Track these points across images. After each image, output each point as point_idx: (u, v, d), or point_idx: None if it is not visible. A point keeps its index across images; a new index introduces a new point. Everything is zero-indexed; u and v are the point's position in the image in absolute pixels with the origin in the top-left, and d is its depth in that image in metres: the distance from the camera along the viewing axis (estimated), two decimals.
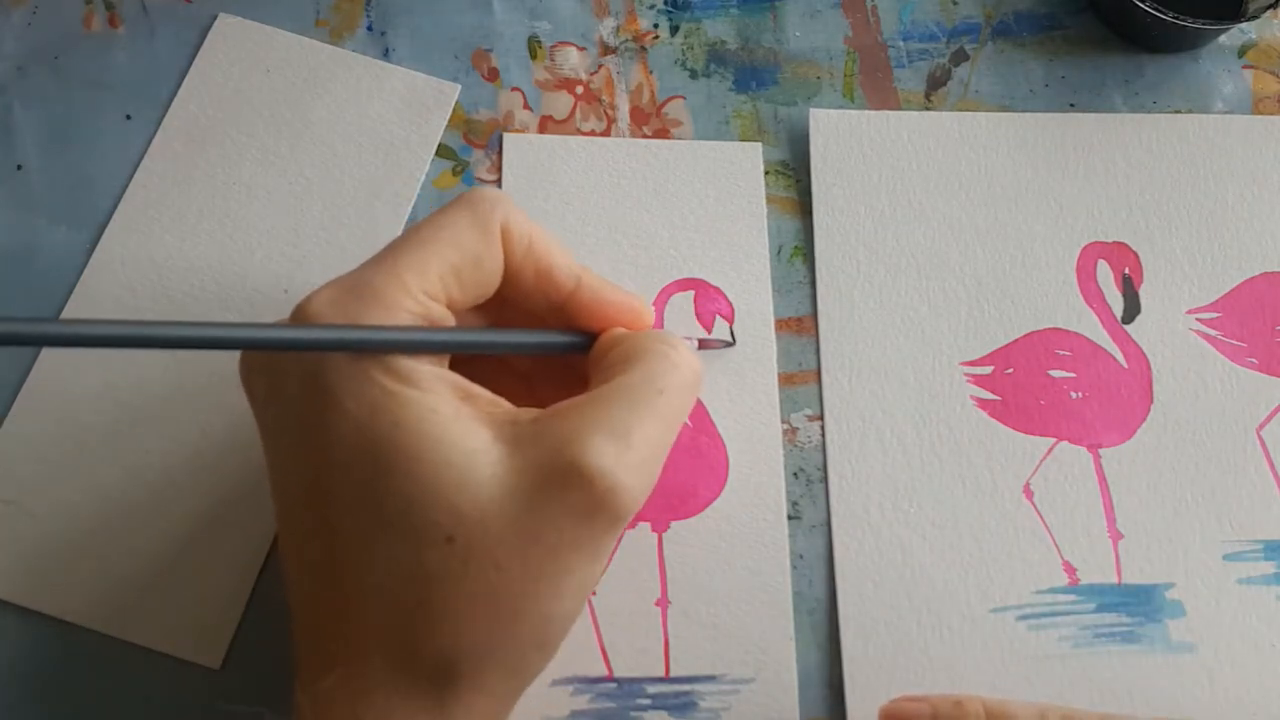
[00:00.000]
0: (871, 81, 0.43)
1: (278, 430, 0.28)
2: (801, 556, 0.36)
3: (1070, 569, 0.36)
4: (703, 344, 0.38)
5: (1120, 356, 0.39)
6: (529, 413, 0.28)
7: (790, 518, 0.36)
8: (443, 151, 0.41)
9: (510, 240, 0.29)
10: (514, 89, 0.42)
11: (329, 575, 0.27)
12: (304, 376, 0.27)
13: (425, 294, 0.28)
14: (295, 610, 0.28)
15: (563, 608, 0.27)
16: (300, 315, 0.27)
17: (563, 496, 0.26)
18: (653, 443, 0.28)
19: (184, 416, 0.36)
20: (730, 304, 0.39)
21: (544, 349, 0.31)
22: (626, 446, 0.27)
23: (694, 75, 0.43)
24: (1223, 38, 0.44)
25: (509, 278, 0.30)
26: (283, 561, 0.29)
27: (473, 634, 0.26)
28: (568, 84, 0.42)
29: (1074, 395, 0.38)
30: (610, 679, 0.34)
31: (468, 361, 0.30)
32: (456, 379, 0.28)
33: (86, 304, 0.38)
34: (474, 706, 0.27)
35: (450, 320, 0.29)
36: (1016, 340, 0.39)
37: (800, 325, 0.39)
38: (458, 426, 0.27)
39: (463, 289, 0.29)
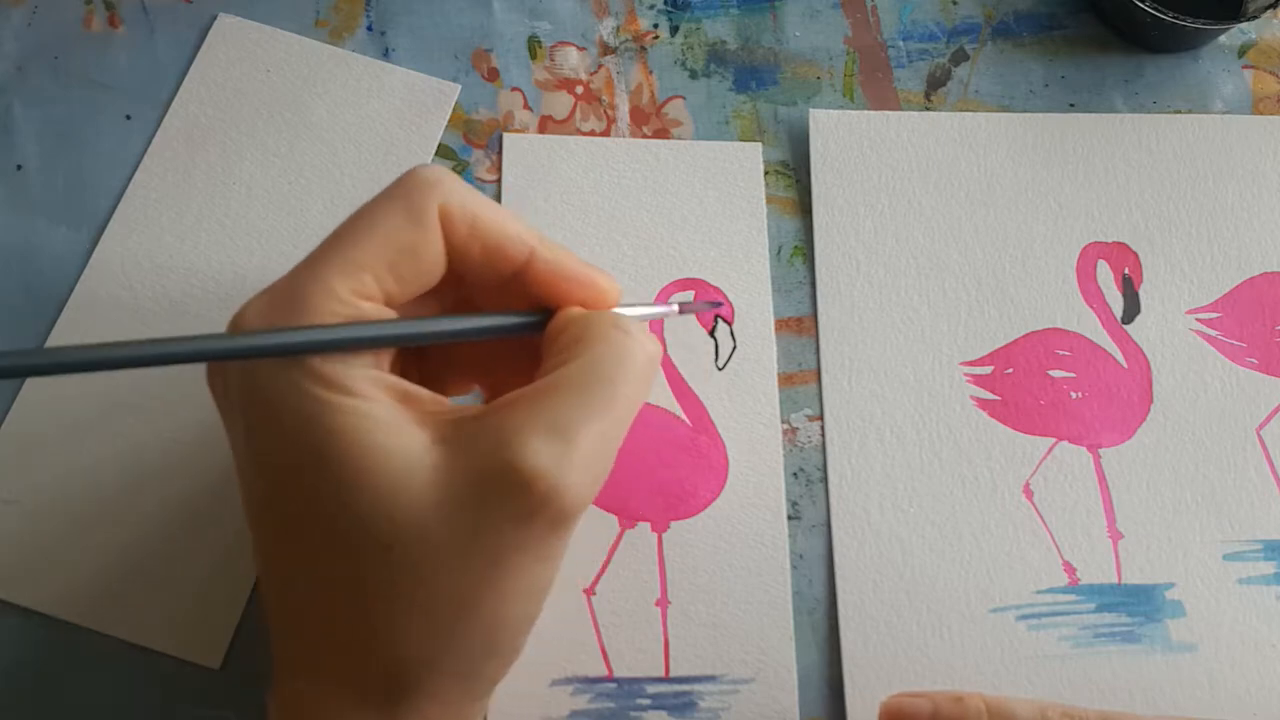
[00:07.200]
0: (871, 81, 0.43)
1: (234, 440, 0.28)
2: (801, 556, 0.36)
3: (1070, 569, 0.36)
4: (683, 308, 0.35)
5: (1120, 356, 0.39)
6: (472, 410, 0.26)
7: (790, 518, 0.36)
8: (443, 151, 0.41)
9: (451, 222, 0.27)
10: (514, 89, 0.42)
11: (282, 585, 0.27)
12: (243, 388, 0.26)
13: (356, 295, 0.26)
14: (268, 617, 0.28)
15: (511, 611, 0.26)
16: (234, 326, 0.26)
17: (500, 500, 0.25)
18: (600, 437, 0.26)
19: (183, 416, 0.36)
20: (730, 304, 0.39)
21: (485, 333, 0.29)
22: (569, 444, 0.25)
23: (694, 75, 0.43)
24: (1223, 38, 0.44)
25: (455, 259, 0.28)
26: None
27: (418, 643, 0.25)
28: (568, 84, 0.42)
29: (1074, 395, 0.38)
30: (610, 679, 0.34)
31: (420, 355, 0.29)
32: (394, 381, 0.26)
33: (86, 304, 0.38)
34: (429, 715, 0.26)
35: (389, 318, 0.27)
36: (1016, 340, 0.39)
37: (800, 325, 0.39)
38: (393, 431, 0.25)
39: (400, 283, 0.27)
